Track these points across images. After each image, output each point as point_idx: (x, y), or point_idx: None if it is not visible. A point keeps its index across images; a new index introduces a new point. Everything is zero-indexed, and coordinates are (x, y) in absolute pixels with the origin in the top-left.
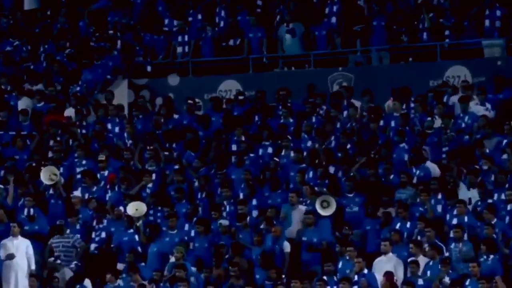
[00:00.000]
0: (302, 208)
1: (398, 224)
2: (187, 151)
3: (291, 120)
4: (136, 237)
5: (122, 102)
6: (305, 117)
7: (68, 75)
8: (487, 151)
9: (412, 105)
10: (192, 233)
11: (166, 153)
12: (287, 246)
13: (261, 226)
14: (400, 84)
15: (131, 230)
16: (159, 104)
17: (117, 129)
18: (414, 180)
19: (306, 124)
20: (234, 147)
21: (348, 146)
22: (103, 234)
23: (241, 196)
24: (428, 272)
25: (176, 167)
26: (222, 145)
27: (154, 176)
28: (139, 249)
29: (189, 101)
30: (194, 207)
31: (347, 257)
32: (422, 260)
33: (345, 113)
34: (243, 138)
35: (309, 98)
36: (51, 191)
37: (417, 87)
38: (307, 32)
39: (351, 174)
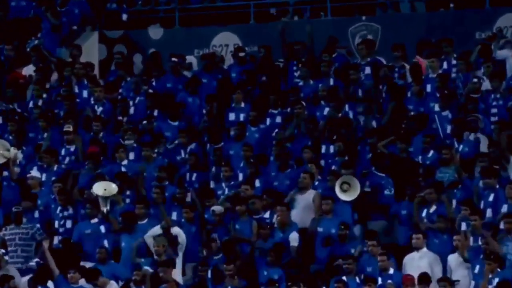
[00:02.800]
0: (311, 192)
1: (434, 210)
2: (170, 121)
3: (310, 82)
4: (102, 228)
5: (92, 59)
6: (318, 77)
7: (25, 25)
8: None
9: (453, 62)
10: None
11: (145, 122)
12: (294, 239)
13: (265, 215)
14: (438, 36)
15: (95, 220)
16: (139, 63)
17: (85, 93)
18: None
19: (322, 87)
20: (231, 117)
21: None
22: (69, 224)
23: (240, 177)
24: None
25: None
26: (216, 114)
27: (131, 153)
28: (105, 243)
29: (174, 59)
30: (183, 192)
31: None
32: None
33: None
34: (243, 105)
35: (329, 54)
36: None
37: (460, 40)
38: None
39: (378, 150)
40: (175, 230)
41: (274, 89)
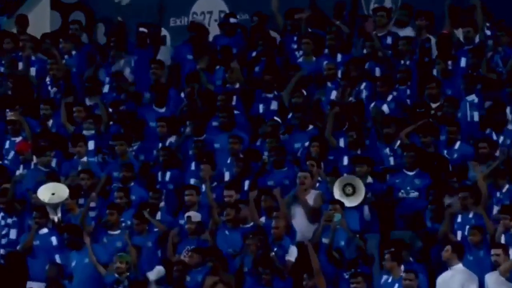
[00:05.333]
0: (313, 194)
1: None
2: (140, 108)
3: (313, 59)
4: (53, 239)
5: (43, 29)
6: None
7: None
8: None
9: (487, 33)
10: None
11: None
12: (292, 252)
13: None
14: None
15: (45, 230)
16: (101, 34)
17: (33, 71)
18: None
19: (328, 65)
20: (219, 99)
21: (391, 97)
22: (13, 234)
23: (227, 176)
24: None
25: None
26: (197, 96)
27: (91, 144)
28: (57, 258)
29: (141, 29)
30: (156, 195)
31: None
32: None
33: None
34: (237, 86)
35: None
36: None
37: (498, 4)
38: None
39: (403, 142)
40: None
41: (270, 68)
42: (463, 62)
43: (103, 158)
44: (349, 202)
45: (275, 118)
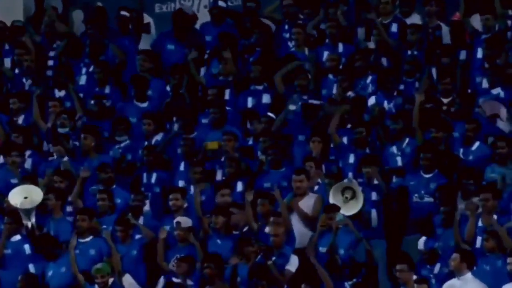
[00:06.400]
0: (311, 197)
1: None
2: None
3: (305, 50)
4: (27, 247)
5: (16, 16)
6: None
7: None
8: None
9: (508, 22)
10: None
11: (92, 102)
12: (293, 262)
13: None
14: None
15: (18, 237)
16: (79, 21)
17: (8, 62)
18: None
19: (331, 56)
20: (210, 93)
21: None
22: None
23: (219, 175)
24: None
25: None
26: (184, 90)
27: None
28: (31, 267)
29: (123, 13)
30: (138, 197)
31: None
32: None
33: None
34: (230, 79)
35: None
36: None
37: None
38: None
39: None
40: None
41: (264, 58)
42: (479, 53)
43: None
44: (346, 210)
45: (269, 114)
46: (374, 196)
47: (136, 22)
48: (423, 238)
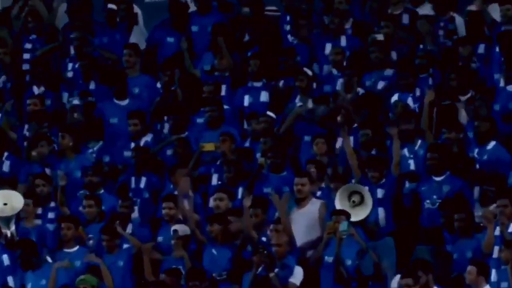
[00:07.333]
0: (314, 203)
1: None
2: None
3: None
4: (5, 257)
5: None
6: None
7: None
8: None
9: None
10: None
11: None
12: (297, 274)
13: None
14: None
15: None
16: (61, 13)
17: None
18: None
19: (334, 49)
20: (206, 90)
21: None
22: None
23: (214, 180)
24: None
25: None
26: (177, 85)
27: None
28: (10, 280)
29: (110, 6)
30: (126, 203)
31: None
32: None
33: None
34: (227, 74)
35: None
36: None
37: None
38: None
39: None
40: None
41: (265, 53)
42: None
43: None
44: (355, 215)
45: (268, 113)
46: (380, 193)
47: (126, 14)
48: (398, 277)
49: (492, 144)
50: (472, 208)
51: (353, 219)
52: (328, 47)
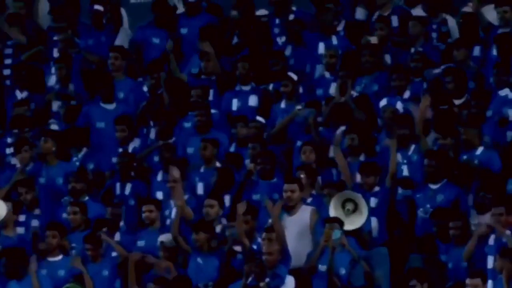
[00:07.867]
0: (304, 210)
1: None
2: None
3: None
4: None
5: None
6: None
7: None
8: None
9: None
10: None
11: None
12: (289, 284)
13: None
14: None
15: None
16: (44, 13)
17: None
18: None
19: (327, 49)
20: (194, 94)
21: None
22: None
23: (200, 189)
24: None
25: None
26: (164, 89)
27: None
28: None
29: (96, 7)
30: (115, 210)
31: None
32: None
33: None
34: (214, 78)
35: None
36: None
37: None
38: None
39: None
40: None
41: (254, 56)
42: (495, 49)
43: None
44: (349, 223)
45: (258, 118)
46: (373, 202)
47: (113, 15)
48: None
49: (480, 149)
50: (468, 216)
51: (348, 227)
52: (321, 47)
